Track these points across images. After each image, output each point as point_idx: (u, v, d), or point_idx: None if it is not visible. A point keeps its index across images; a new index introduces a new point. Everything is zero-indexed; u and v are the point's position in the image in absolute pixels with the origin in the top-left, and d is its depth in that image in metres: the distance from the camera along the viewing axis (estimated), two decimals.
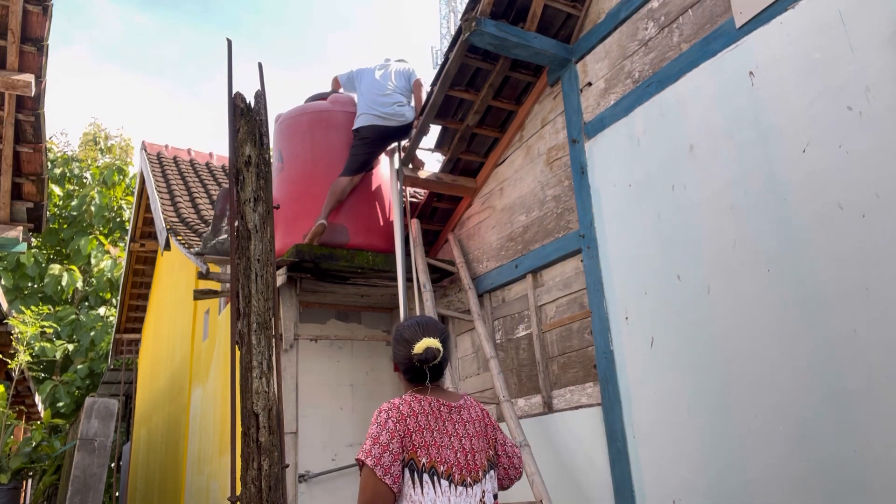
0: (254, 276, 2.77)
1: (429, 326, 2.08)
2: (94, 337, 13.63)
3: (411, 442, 1.89)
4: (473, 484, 1.94)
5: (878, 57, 2.42)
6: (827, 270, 2.51)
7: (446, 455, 1.93)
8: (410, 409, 1.95)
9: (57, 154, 16.53)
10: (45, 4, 3.74)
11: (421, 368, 2.02)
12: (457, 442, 1.97)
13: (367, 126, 4.66)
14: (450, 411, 2.02)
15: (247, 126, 2.99)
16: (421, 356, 1.99)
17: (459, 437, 1.98)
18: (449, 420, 2.00)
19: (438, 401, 2.02)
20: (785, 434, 2.59)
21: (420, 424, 1.93)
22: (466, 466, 1.95)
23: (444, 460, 1.91)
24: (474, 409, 2.10)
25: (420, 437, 1.91)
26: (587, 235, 3.62)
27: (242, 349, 2.68)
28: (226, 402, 5.48)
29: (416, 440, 1.90)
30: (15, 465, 9.23)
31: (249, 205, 2.88)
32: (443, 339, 2.08)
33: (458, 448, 1.96)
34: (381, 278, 4.63)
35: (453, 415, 2.02)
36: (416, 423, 1.93)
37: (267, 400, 2.63)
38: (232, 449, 2.58)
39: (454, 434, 1.98)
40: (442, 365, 2.08)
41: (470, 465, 1.96)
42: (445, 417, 1.99)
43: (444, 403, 2.02)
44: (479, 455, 2.00)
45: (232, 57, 3.17)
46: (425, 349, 1.99)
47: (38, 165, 4.78)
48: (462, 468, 1.94)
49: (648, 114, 3.34)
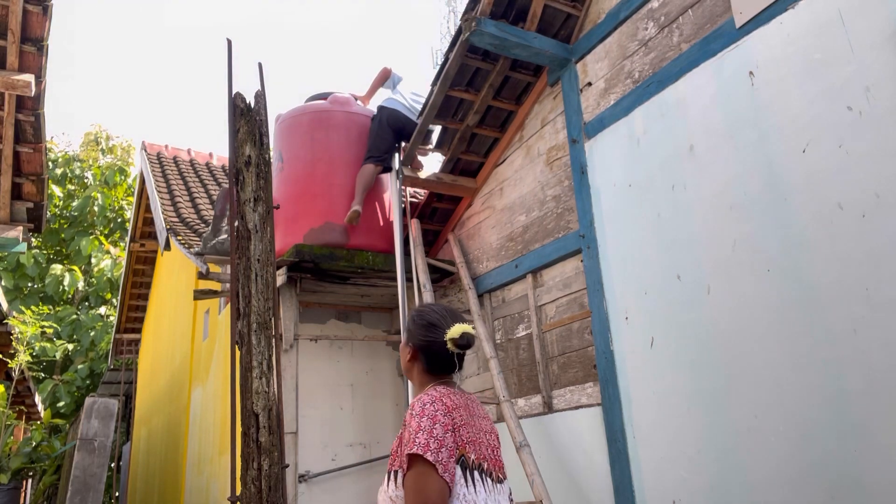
0: (254, 276, 2.77)
1: (456, 313, 1.95)
2: (95, 337, 13.63)
3: (460, 437, 1.74)
4: (503, 480, 1.85)
5: (878, 57, 2.42)
6: (827, 270, 2.51)
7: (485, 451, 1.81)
8: (452, 401, 1.79)
9: (58, 154, 16.53)
10: (45, 4, 3.74)
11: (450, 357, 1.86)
12: (485, 437, 1.85)
13: (389, 108, 4.77)
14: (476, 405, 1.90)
15: (247, 126, 2.99)
16: (460, 341, 1.83)
17: (486, 432, 1.86)
18: (477, 415, 1.87)
19: (464, 394, 1.89)
20: (785, 434, 2.59)
21: (464, 418, 1.78)
22: (496, 462, 1.84)
23: (487, 457, 1.80)
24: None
25: (467, 432, 1.77)
26: (587, 235, 3.62)
27: (242, 349, 2.68)
28: (226, 402, 5.48)
29: (464, 435, 1.75)
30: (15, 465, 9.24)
31: (249, 205, 2.88)
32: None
33: (487, 443, 1.85)
34: (381, 278, 4.63)
35: (479, 409, 1.91)
36: (461, 417, 1.78)
37: (267, 400, 2.63)
38: (232, 449, 2.58)
39: (482, 429, 1.85)
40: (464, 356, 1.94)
41: (498, 461, 1.86)
42: (475, 412, 1.87)
43: (469, 397, 1.90)
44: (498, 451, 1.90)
45: (232, 57, 3.17)
46: (462, 334, 1.82)
47: (38, 165, 4.78)
48: (494, 464, 1.83)
49: (648, 114, 3.34)
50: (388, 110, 4.77)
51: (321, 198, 4.61)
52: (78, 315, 14.13)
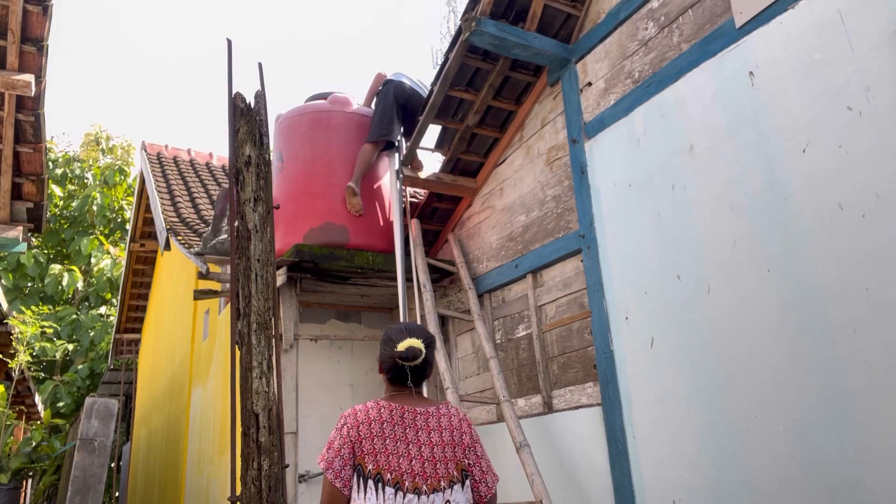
0: (254, 276, 2.77)
1: (415, 330, 2.13)
2: (94, 337, 13.64)
3: (361, 448, 1.94)
4: (431, 492, 1.92)
5: (878, 57, 2.42)
6: (827, 270, 2.51)
7: (398, 462, 1.94)
8: (367, 415, 2.00)
9: (58, 154, 16.53)
10: (45, 4, 3.74)
11: (402, 369, 2.05)
12: (415, 449, 1.97)
13: (395, 81, 4.83)
14: (414, 418, 2.02)
15: (247, 126, 2.99)
16: (403, 354, 2.03)
17: (420, 444, 1.98)
18: (412, 427, 2.00)
19: (403, 407, 2.03)
20: (785, 434, 2.59)
21: (373, 432, 1.97)
22: (423, 474, 1.94)
23: (395, 468, 1.93)
24: (449, 418, 2.07)
25: (370, 444, 1.95)
26: (587, 235, 3.62)
27: (242, 349, 2.68)
28: (226, 402, 5.48)
29: (365, 447, 1.94)
30: (15, 465, 9.24)
31: (249, 205, 2.88)
32: (427, 345, 2.10)
33: (415, 455, 1.96)
34: (381, 278, 4.63)
35: (418, 421, 2.02)
36: (369, 430, 1.97)
37: (267, 400, 2.63)
38: (232, 449, 2.58)
39: (414, 441, 1.98)
40: (424, 369, 2.10)
41: (427, 474, 1.94)
42: (408, 424, 2.00)
43: (410, 410, 2.03)
44: (442, 464, 1.97)
45: (232, 57, 3.17)
46: (407, 347, 2.04)
47: (38, 165, 4.78)
48: (417, 476, 1.93)
49: (648, 114, 3.34)
50: (395, 83, 4.85)
51: (321, 198, 4.61)
52: (78, 315, 14.14)
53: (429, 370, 2.15)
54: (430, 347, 2.11)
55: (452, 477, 1.97)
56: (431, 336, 2.16)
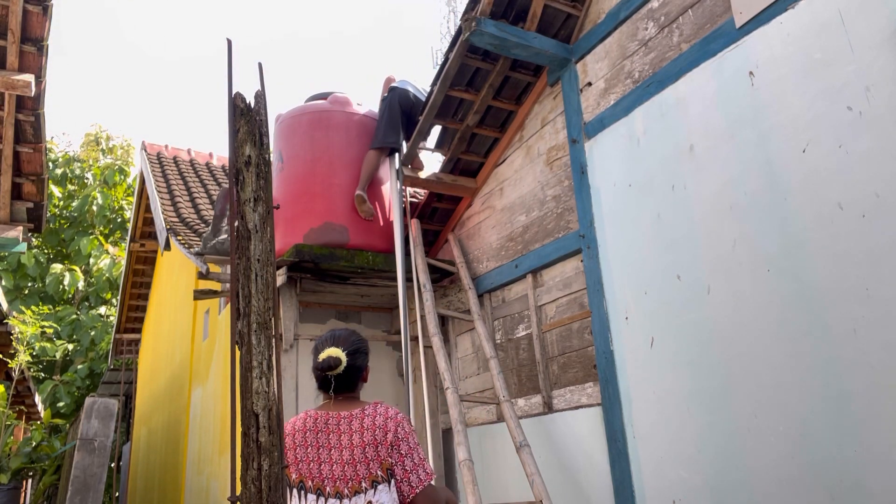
0: (254, 276, 2.77)
1: (339, 338, 2.13)
2: (94, 337, 13.64)
3: (288, 458, 1.99)
4: (353, 495, 1.92)
5: (878, 57, 2.42)
6: (827, 270, 2.51)
7: (319, 469, 1.97)
8: (293, 427, 2.07)
9: (58, 154, 16.54)
10: (45, 4, 3.74)
11: (326, 377, 2.07)
12: (336, 454, 1.98)
13: (400, 88, 4.82)
14: (338, 423, 2.02)
15: (247, 126, 2.99)
16: (320, 364, 2.05)
17: (341, 448, 1.98)
18: (334, 432, 2.01)
19: (328, 413, 2.05)
20: (785, 434, 2.59)
21: (296, 442, 2.03)
22: (343, 478, 1.94)
23: (315, 474, 1.96)
24: (374, 418, 2.02)
25: (293, 454, 2.01)
26: (587, 235, 3.62)
27: (242, 349, 2.67)
28: (226, 402, 5.48)
29: (289, 457, 2.00)
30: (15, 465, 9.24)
31: (249, 205, 2.88)
32: (354, 351, 2.09)
33: (336, 460, 1.97)
34: (381, 278, 4.63)
35: (341, 425, 2.02)
36: (293, 441, 2.03)
37: (267, 400, 2.62)
38: (232, 449, 2.58)
39: (336, 446, 1.99)
40: (350, 376, 2.09)
41: (348, 476, 1.94)
42: (331, 429, 2.02)
43: (334, 415, 2.04)
44: (363, 465, 1.94)
45: (232, 57, 3.17)
46: (325, 358, 2.05)
47: (38, 165, 4.78)
48: (337, 480, 1.94)
49: (648, 114, 3.34)
50: (400, 90, 4.84)
51: (321, 198, 4.61)
52: (78, 315, 14.13)
53: (359, 375, 2.13)
54: (355, 354, 2.09)
55: (375, 477, 1.93)
56: (360, 342, 2.14)
